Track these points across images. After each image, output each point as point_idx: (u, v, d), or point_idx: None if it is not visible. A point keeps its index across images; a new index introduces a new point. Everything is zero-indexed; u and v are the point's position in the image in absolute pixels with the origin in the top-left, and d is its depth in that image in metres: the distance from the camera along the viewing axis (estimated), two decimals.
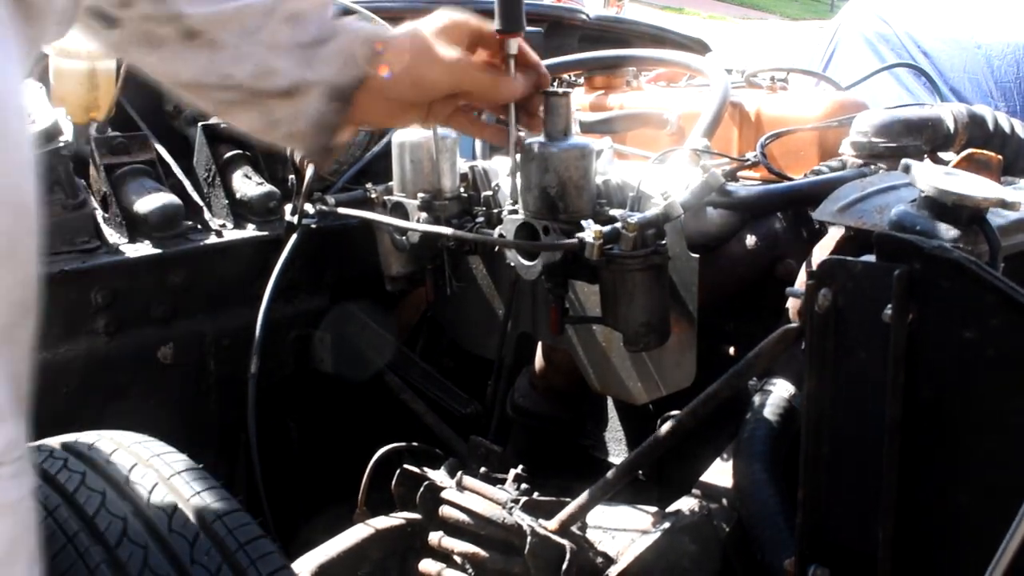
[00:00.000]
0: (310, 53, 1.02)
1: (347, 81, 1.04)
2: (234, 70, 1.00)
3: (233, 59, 0.99)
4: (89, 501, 1.07)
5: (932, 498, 0.97)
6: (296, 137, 1.06)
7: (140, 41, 1.00)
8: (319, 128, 1.04)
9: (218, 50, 0.99)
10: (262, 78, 1.01)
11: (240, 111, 1.05)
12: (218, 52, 0.99)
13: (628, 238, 1.19)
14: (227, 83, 1.01)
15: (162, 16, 0.97)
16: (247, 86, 1.01)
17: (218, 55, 0.99)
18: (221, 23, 0.98)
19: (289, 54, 1.01)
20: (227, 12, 0.98)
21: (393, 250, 1.67)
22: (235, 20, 0.98)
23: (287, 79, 1.01)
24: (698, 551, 1.27)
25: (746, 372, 1.18)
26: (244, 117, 1.06)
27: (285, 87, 1.02)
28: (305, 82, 1.02)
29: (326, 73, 1.03)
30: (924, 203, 1.06)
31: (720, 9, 20.72)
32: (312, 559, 1.35)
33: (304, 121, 1.04)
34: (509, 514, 1.27)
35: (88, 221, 1.67)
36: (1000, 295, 0.88)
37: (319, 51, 1.02)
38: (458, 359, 1.88)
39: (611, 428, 1.75)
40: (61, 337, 1.60)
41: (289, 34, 1.01)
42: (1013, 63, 4.42)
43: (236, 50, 0.99)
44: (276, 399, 1.81)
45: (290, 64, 1.01)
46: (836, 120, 1.62)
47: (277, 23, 1.00)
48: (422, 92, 1.11)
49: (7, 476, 0.71)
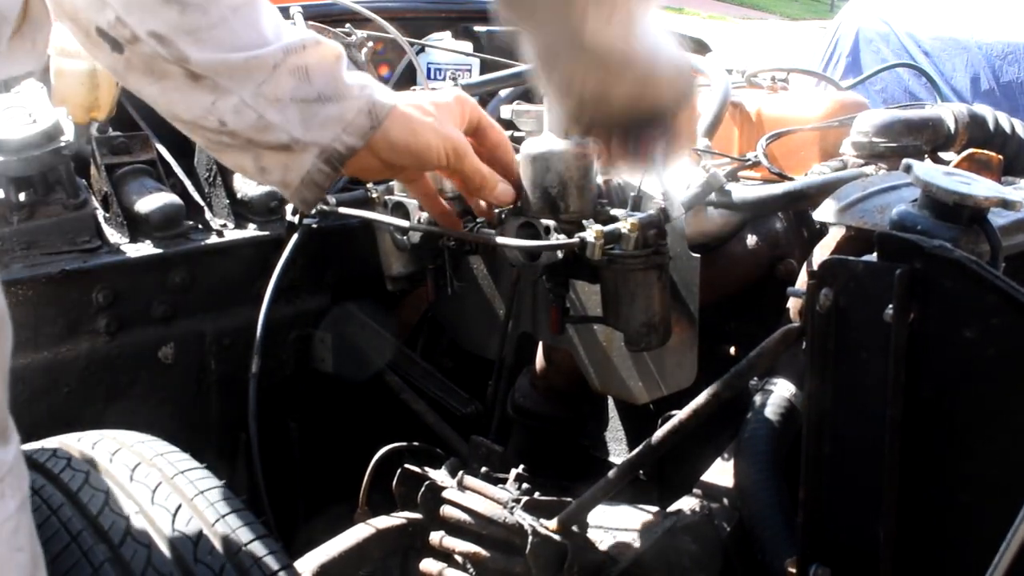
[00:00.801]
0: (310, 112, 1.01)
1: (341, 150, 1.03)
2: (233, 120, 1.00)
3: (234, 110, 0.99)
4: (93, 500, 1.07)
5: (933, 498, 0.97)
6: (285, 185, 1.05)
7: (144, 71, 0.99)
8: (307, 185, 1.04)
9: (221, 96, 0.99)
10: (260, 131, 1.00)
11: (233, 154, 1.05)
12: (220, 98, 0.99)
13: (629, 238, 1.19)
14: (224, 129, 1.01)
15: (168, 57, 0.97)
16: (243, 136, 1.01)
17: (220, 101, 0.99)
18: (228, 72, 0.98)
19: (289, 110, 1.00)
20: (234, 63, 0.97)
21: (394, 250, 1.67)
22: (242, 70, 0.98)
23: (285, 135, 1.01)
24: (699, 551, 1.27)
25: (747, 372, 1.19)
26: (236, 160, 1.06)
27: (283, 142, 1.01)
28: (301, 142, 1.01)
29: (322, 137, 1.02)
30: (925, 203, 1.07)
31: (720, 9, 20.72)
32: (313, 559, 1.35)
33: (295, 175, 1.04)
34: (510, 514, 1.27)
35: (89, 221, 1.67)
36: (1001, 295, 0.89)
37: (319, 111, 1.01)
38: (459, 359, 1.88)
39: (611, 428, 1.75)
40: (62, 337, 1.60)
41: (293, 88, 1.00)
42: (1013, 63, 4.43)
43: (239, 101, 0.99)
44: (277, 399, 1.81)
45: (289, 121, 1.00)
46: (836, 120, 1.62)
47: (282, 76, 0.99)
48: (418, 163, 1.10)
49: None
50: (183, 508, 1.08)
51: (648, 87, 1.06)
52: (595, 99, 1.06)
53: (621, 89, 1.05)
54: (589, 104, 1.07)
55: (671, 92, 1.09)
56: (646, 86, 1.06)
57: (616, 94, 1.05)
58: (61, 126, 1.64)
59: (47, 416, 1.58)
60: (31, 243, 1.61)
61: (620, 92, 1.05)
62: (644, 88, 1.06)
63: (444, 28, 2.40)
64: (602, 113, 1.09)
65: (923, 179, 1.04)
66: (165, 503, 1.08)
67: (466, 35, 2.45)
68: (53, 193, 1.65)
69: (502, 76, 2.03)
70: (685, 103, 1.12)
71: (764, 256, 1.56)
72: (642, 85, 1.06)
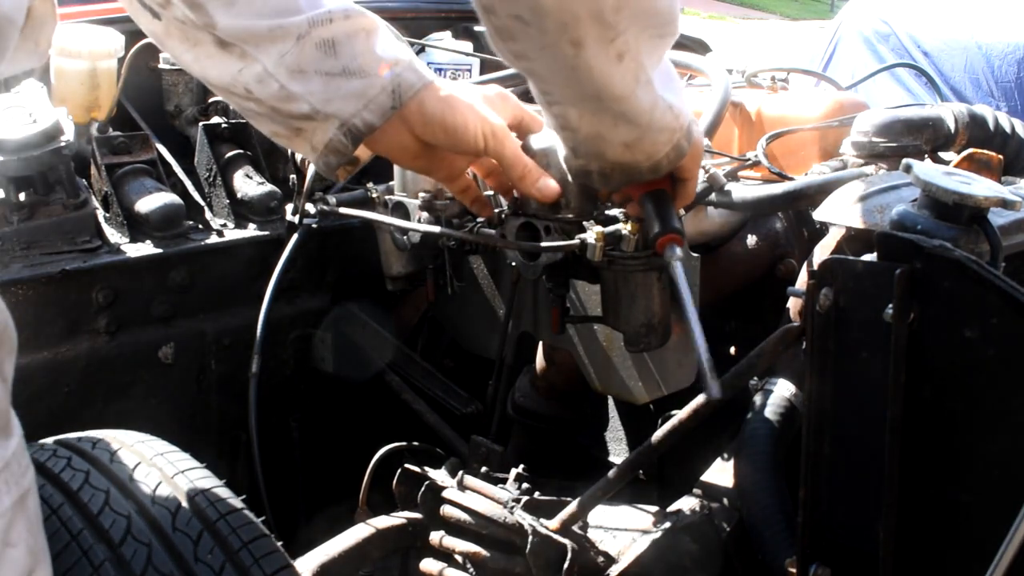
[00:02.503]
0: (333, 85, 1.01)
1: (360, 126, 1.02)
2: (257, 88, 1.01)
3: (258, 79, 1.00)
4: (93, 499, 1.07)
5: (933, 497, 0.97)
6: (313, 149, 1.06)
7: (180, 38, 1.02)
8: (331, 151, 1.04)
9: (247, 64, 1.00)
10: (283, 101, 1.01)
11: (264, 122, 1.06)
12: (247, 66, 1.00)
13: (630, 239, 1.19)
14: (250, 96, 1.02)
15: (198, 23, 0.98)
16: (268, 104, 1.02)
17: (246, 70, 1.00)
18: (253, 40, 0.98)
19: (312, 81, 1.00)
20: (259, 31, 0.98)
21: (394, 250, 1.68)
22: (266, 39, 0.98)
23: (306, 106, 1.01)
24: (699, 551, 1.27)
25: (747, 372, 1.19)
26: (267, 127, 1.07)
27: (304, 112, 1.02)
28: (322, 113, 1.02)
29: (343, 111, 1.02)
30: (925, 203, 1.07)
31: (720, 9, 20.71)
32: (313, 558, 1.35)
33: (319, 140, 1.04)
34: (510, 513, 1.28)
35: (89, 221, 1.67)
36: (1001, 295, 0.89)
37: (343, 85, 1.01)
38: (459, 359, 1.88)
39: (611, 428, 1.75)
40: (62, 336, 1.60)
41: (317, 61, 1.00)
42: (1013, 63, 4.43)
43: (262, 70, 0.99)
44: (277, 399, 1.81)
45: (311, 92, 1.00)
46: (836, 120, 1.62)
47: (307, 47, 0.99)
48: (452, 140, 1.06)
49: None
50: (183, 508, 1.08)
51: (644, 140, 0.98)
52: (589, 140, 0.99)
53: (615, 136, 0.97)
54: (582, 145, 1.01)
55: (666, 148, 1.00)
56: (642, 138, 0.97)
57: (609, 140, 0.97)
58: (61, 126, 1.64)
59: (47, 416, 1.58)
60: (31, 243, 1.61)
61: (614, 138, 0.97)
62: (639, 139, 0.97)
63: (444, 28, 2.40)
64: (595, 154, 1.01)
65: (923, 179, 1.04)
66: (166, 502, 1.08)
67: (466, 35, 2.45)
68: (53, 193, 1.65)
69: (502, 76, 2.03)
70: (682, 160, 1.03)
71: (764, 256, 1.56)
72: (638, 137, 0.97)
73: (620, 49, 0.86)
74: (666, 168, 1.02)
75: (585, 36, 0.83)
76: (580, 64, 0.86)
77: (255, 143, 1.90)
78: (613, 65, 0.87)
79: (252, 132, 1.91)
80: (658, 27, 0.89)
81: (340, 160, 1.05)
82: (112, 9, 2.00)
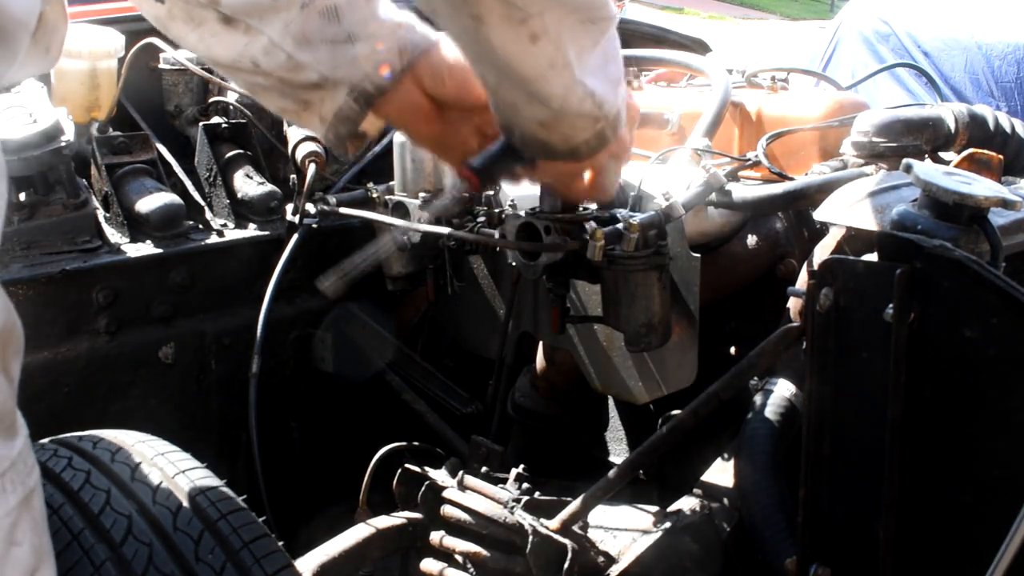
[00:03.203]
0: (339, 52, 1.01)
1: (371, 89, 1.03)
2: (264, 61, 1.01)
3: (264, 51, 1.00)
4: (94, 499, 1.07)
5: (933, 497, 0.97)
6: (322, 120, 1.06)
7: (184, 19, 1.02)
8: (341, 120, 1.05)
9: (253, 38, 1.00)
10: (291, 71, 1.01)
11: (272, 96, 1.06)
12: (252, 40, 1.00)
13: (630, 239, 1.19)
14: (258, 70, 1.02)
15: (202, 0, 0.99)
16: (276, 76, 1.02)
17: (252, 43, 1.00)
18: (257, 13, 0.99)
19: (319, 50, 1.00)
20: (262, 3, 0.98)
21: (394, 250, 1.68)
22: (270, 11, 0.98)
23: (315, 74, 1.01)
24: (699, 551, 1.27)
25: (747, 372, 1.19)
26: (275, 102, 1.07)
27: (313, 81, 1.02)
28: (331, 80, 1.02)
29: (352, 75, 1.02)
30: (925, 203, 1.07)
31: (720, 9, 20.70)
32: (313, 558, 1.35)
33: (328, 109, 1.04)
34: (510, 513, 1.28)
35: (89, 221, 1.67)
36: (1001, 294, 0.89)
37: (349, 51, 1.01)
38: (459, 359, 1.88)
39: (612, 428, 1.75)
40: (62, 336, 1.60)
41: (321, 28, 1.00)
42: (1013, 63, 4.43)
43: (268, 42, 0.99)
44: (277, 399, 1.81)
45: (319, 60, 1.01)
46: (836, 120, 1.62)
47: (311, 16, 0.99)
48: (462, 93, 1.06)
49: None
50: (184, 507, 1.08)
51: (560, 122, 0.98)
52: (506, 107, 0.99)
53: (530, 112, 0.97)
54: (500, 110, 1.01)
55: (585, 136, 1.00)
56: (557, 120, 0.97)
57: (524, 114, 0.98)
58: (61, 126, 1.64)
59: (47, 416, 1.58)
60: (31, 243, 1.61)
61: (528, 114, 0.97)
62: (554, 120, 0.97)
63: None
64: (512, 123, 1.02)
65: (923, 179, 1.04)
66: (167, 502, 1.08)
67: None
68: (53, 193, 1.65)
69: None
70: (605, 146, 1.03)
71: (764, 256, 1.56)
72: (552, 118, 0.97)
73: (534, 31, 0.87)
74: (586, 155, 1.03)
75: (487, 13, 0.84)
76: (481, 38, 0.87)
77: (255, 143, 1.90)
78: (523, 45, 0.88)
79: (252, 132, 1.91)
80: (584, 11, 0.89)
81: (350, 129, 1.05)
82: (112, 9, 2.00)
